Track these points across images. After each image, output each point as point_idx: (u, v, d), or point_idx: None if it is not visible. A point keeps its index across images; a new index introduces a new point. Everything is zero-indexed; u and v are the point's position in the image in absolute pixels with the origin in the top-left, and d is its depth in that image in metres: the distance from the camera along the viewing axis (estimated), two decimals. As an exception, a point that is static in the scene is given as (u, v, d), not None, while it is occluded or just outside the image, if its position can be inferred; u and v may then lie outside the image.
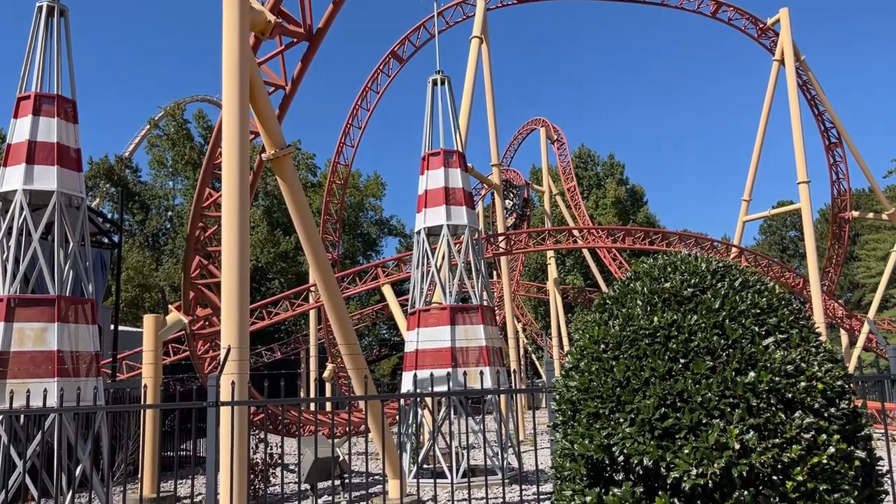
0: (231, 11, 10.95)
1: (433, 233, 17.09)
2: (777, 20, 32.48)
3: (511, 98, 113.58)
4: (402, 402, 15.29)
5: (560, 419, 4.32)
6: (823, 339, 4.16)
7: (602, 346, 4.22)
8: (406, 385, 15.68)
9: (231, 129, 10.68)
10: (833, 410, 3.72)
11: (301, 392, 39.41)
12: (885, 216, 38.17)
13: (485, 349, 15.78)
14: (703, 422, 3.65)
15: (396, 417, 19.90)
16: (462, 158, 17.44)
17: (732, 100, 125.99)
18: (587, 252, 46.20)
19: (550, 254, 40.99)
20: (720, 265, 4.37)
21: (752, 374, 3.68)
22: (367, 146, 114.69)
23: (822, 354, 3.96)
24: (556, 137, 46.07)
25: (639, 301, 4.25)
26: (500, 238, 28.28)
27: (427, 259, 16.95)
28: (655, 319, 4.04)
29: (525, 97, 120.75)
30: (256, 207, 53.39)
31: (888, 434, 6.63)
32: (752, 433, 3.56)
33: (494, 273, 40.03)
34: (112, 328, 19.76)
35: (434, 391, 7.32)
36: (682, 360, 3.88)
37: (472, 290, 16.90)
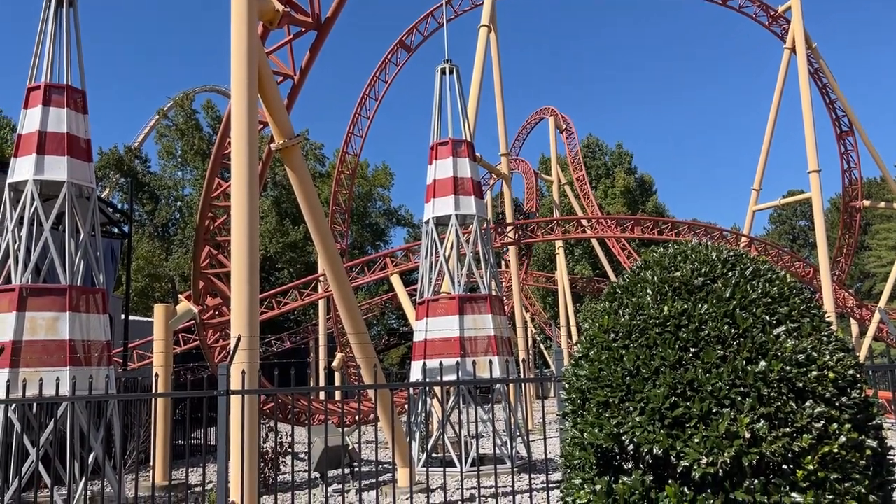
0: (239, 1, 10.94)
1: (442, 222, 17.09)
2: (788, 7, 32.18)
3: (520, 87, 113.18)
4: (412, 392, 15.35)
5: (569, 408, 4.33)
6: (834, 329, 4.15)
7: (612, 336, 4.21)
8: (415, 374, 15.73)
9: (240, 119, 10.69)
10: (844, 400, 3.70)
11: (311, 381, 39.60)
12: (897, 205, 37.91)
13: (493, 339, 15.80)
14: (714, 411, 3.64)
15: (405, 406, 19.98)
16: (471, 148, 17.41)
17: (743, 89, 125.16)
18: (596, 242, 46.14)
19: (559, 243, 40.93)
20: (731, 254, 4.35)
21: (763, 364, 3.67)
22: (376, 136, 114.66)
23: (834, 344, 3.94)
24: (565, 127, 45.92)
25: (649, 290, 4.24)
26: (509, 227, 28.25)
27: (436, 249, 16.96)
28: (666, 308, 4.03)
29: (533, 86, 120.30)
30: (265, 197, 53.49)
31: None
32: (763, 422, 3.55)
33: (503, 263, 40.00)
34: (123, 318, 19.89)
35: (443, 380, 7.34)
36: (693, 350, 3.88)
37: (481, 280, 16.91)
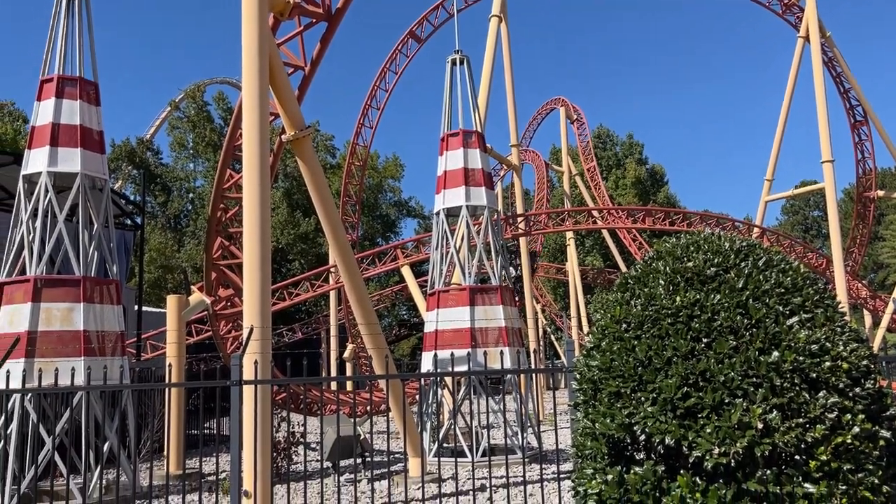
0: (250, -8, 10.93)
1: (452, 214, 17.09)
2: (802, -5, 31.84)
3: (530, 78, 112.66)
4: (423, 382, 15.40)
5: (581, 398, 4.33)
6: (848, 319, 4.13)
7: (624, 326, 4.21)
8: (426, 365, 15.77)
9: (251, 111, 10.71)
10: (858, 390, 3.69)
11: (322, 372, 39.78)
12: (912, 196, 37.54)
13: (504, 329, 15.81)
14: (726, 401, 3.64)
15: (416, 397, 20.05)
16: (481, 139, 17.37)
17: (755, 78, 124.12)
18: (607, 233, 45.98)
19: (570, 234, 40.83)
20: (744, 244, 4.33)
21: (776, 354, 3.66)
22: (386, 128, 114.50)
23: (848, 334, 3.92)
24: (576, 117, 45.73)
25: (661, 280, 4.23)
26: (520, 219, 28.21)
27: (446, 240, 16.96)
28: (678, 299, 4.02)
29: (544, 77, 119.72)
30: (276, 189, 53.61)
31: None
32: (776, 413, 3.55)
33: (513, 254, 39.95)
34: (136, 309, 20.03)
35: (454, 371, 7.36)
36: (705, 340, 3.87)
37: (492, 271, 16.91)
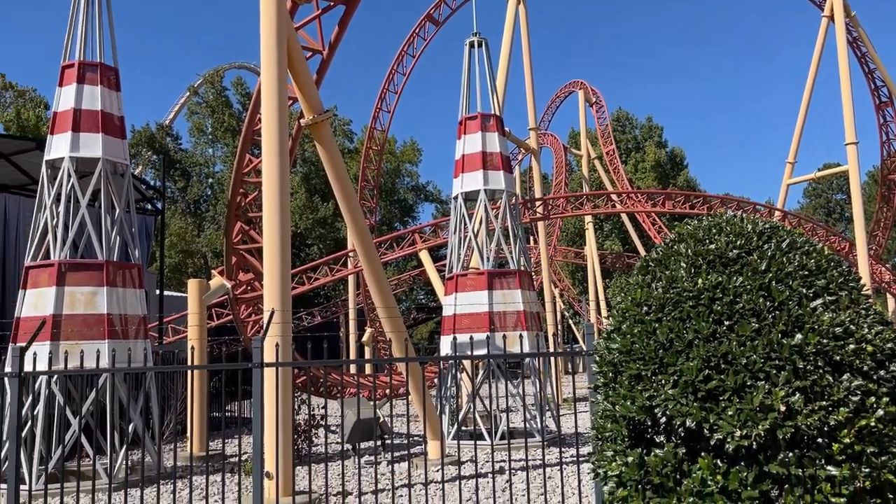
0: (268, -24, 10.91)
1: (470, 198, 17.06)
2: (827, -26, 31.23)
3: (549, 61, 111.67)
4: (441, 365, 15.46)
5: (601, 381, 4.33)
6: (872, 302, 4.09)
7: (645, 309, 4.19)
8: (444, 349, 15.83)
9: (270, 95, 10.73)
10: (882, 373, 3.66)
11: (341, 356, 40.03)
12: (938, 178, 36.90)
13: (522, 314, 15.82)
14: (748, 384, 3.63)
15: (435, 380, 20.15)
16: (499, 122, 17.30)
17: (778, 58, 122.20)
18: (626, 217, 45.70)
19: (588, 219, 40.63)
20: (767, 226, 4.29)
21: (799, 337, 3.63)
22: (404, 112, 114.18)
23: (872, 317, 3.88)
24: (595, 100, 45.32)
25: (683, 263, 4.21)
26: (538, 203, 28.11)
27: (464, 224, 16.96)
28: (700, 281, 4.00)
29: (563, 59, 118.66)
30: (295, 174, 53.80)
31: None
32: (798, 395, 3.53)
33: (532, 238, 39.88)
34: (157, 293, 20.25)
35: (473, 354, 7.39)
36: (727, 323, 3.85)
37: (510, 255, 16.89)
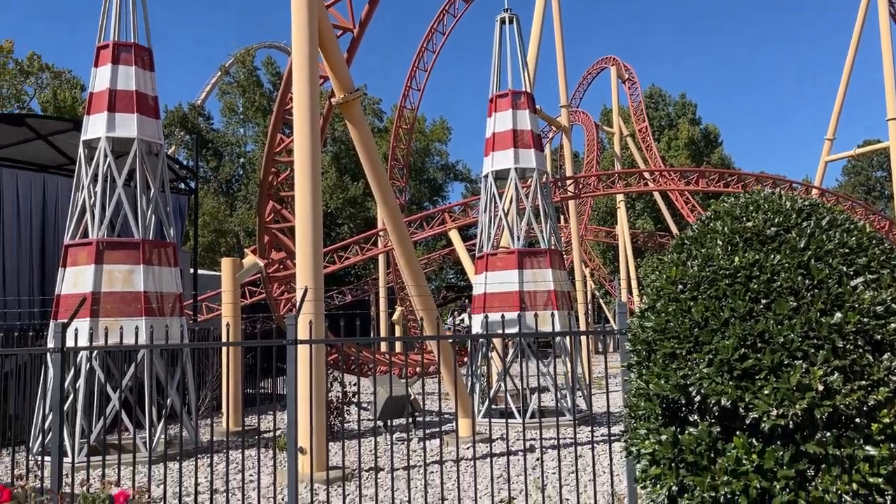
0: (299, -46, 10.89)
1: (501, 176, 16.98)
2: (870, -56, 30.24)
3: (581, 37, 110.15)
4: (471, 344, 15.52)
5: (635, 359, 4.32)
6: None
7: (679, 287, 4.15)
8: (475, 327, 15.87)
9: (301, 75, 10.76)
10: (924, 353, 3.58)
11: (372, 334, 40.37)
12: (983, 154, 35.72)
13: (553, 293, 15.78)
14: (785, 363, 3.58)
15: (465, 359, 20.24)
16: (530, 100, 17.15)
17: (817, 32, 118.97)
18: (658, 195, 45.15)
19: (620, 197, 40.24)
20: (806, 203, 4.21)
21: (839, 315, 3.57)
22: (433, 90, 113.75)
23: (915, 296, 3.79)
24: (628, 77, 44.67)
25: (719, 241, 4.15)
26: (569, 181, 27.89)
27: (495, 203, 16.90)
28: (736, 259, 3.95)
29: (595, 35, 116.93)
30: (325, 153, 54.00)
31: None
32: (837, 375, 3.48)
33: (562, 217, 39.65)
34: (191, 271, 20.57)
35: (504, 333, 7.40)
36: (764, 301, 3.80)
37: (540, 234, 16.82)
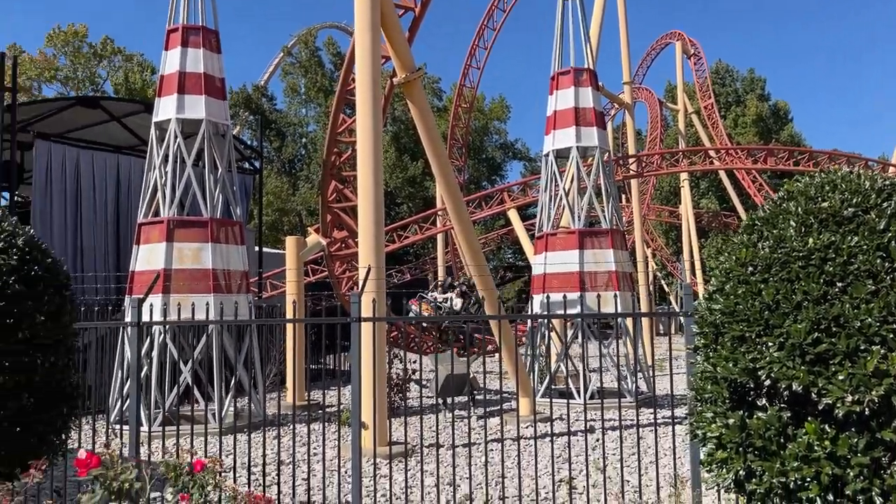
0: (361, -66, 10.92)
1: (562, 155, 16.80)
2: None
3: (644, 11, 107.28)
4: (531, 324, 15.50)
5: (702, 342, 4.26)
6: None
7: (750, 269, 4.06)
8: (535, 308, 15.83)
9: (364, 55, 10.83)
10: None
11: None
12: None
13: (614, 274, 15.59)
14: (861, 348, 3.48)
15: (523, 339, 20.23)
16: (593, 77, 16.86)
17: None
18: (724, 174, 43.90)
19: (684, 176, 39.30)
20: (886, 183, 4.05)
21: (920, 300, 3.44)
22: (492, 67, 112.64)
23: None
24: (693, 52, 43.39)
25: (792, 222, 4.04)
26: (631, 160, 27.40)
27: (555, 182, 16.75)
28: (810, 241, 3.83)
29: (659, 9, 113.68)
30: (385, 133, 54.29)
31: None
32: (917, 361, 3.36)
33: (624, 196, 39.00)
34: (256, 249, 21.09)
35: (567, 313, 7.37)
36: (840, 284, 3.68)
37: (602, 214, 16.60)
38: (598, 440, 10.60)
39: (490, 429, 11.83)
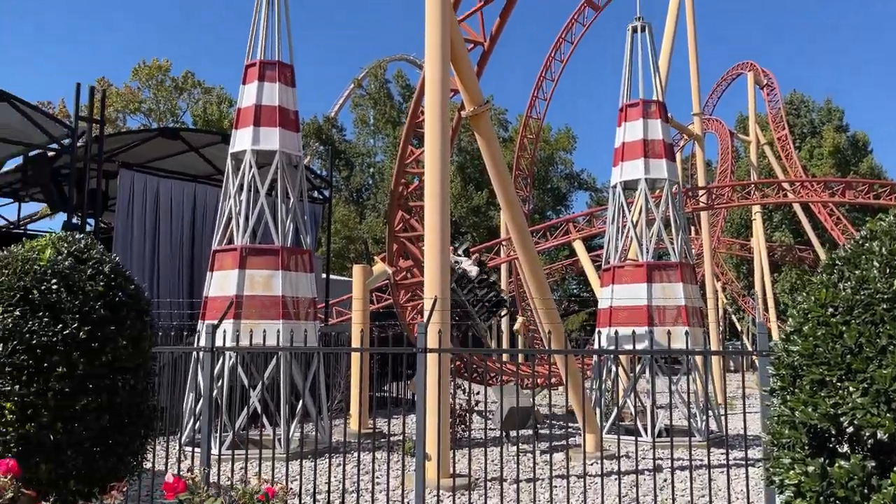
0: (433, -28, 11.17)
1: (630, 187, 16.61)
2: None
3: (715, 41, 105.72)
4: (597, 359, 15.23)
5: (779, 384, 4.12)
6: None
7: (830, 310, 3.93)
8: (602, 342, 15.55)
9: (433, 89, 11.02)
10: None
11: (492, 344, 40.51)
12: None
13: (683, 308, 15.21)
14: (951, 397, 3.31)
15: (588, 373, 19.90)
16: (662, 108, 16.68)
17: None
18: (799, 207, 42.51)
19: (756, 209, 38.22)
20: (977, 222, 3.87)
21: None
22: (559, 98, 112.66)
23: None
24: (766, 82, 42.44)
25: (875, 262, 3.89)
26: (701, 191, 26.85)
27: (623, 214, 16.54)
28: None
29: (731, 39, 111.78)
30: (451, 163, 54.81)
31: None
32: None
33: (693, 228, 38.16)
34: (324, 277, 21.48)
35: (634, 349, 7.24)
36: (927, 329, 3.52)
37: (671, 246, 16.28)
38: (666, 480, 10.29)
39: (554, 464, 11.63)
